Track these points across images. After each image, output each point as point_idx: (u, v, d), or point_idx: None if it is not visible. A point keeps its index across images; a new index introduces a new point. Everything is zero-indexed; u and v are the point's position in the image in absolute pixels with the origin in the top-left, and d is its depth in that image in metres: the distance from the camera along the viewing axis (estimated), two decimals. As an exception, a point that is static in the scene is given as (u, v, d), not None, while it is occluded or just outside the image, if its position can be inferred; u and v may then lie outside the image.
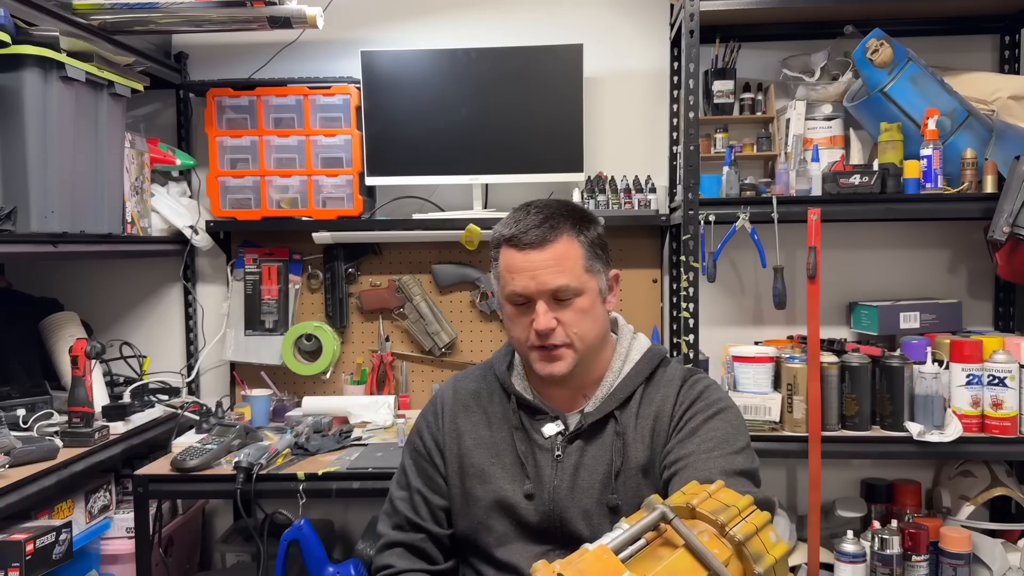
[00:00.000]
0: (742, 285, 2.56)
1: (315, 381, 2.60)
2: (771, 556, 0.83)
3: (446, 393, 1.45)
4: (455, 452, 1.38)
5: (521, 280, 1.28)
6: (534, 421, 1.36)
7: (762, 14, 2.30)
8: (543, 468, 1.33)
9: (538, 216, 1.29)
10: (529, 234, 1.27)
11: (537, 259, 1.27)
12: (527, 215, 1.30)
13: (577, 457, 1.32)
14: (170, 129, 2.62)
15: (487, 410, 1.40)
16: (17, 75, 1.82)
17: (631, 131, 2.56)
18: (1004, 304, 2.46)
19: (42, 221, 1.86)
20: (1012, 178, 2.04)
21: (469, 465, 1.36)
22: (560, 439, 1.33)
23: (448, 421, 1.41)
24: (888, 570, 2.06)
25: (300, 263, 2.60)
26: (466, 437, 1.38)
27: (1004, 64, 2.43)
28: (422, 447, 1.42)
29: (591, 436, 1.33)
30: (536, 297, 1.28)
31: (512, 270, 1.29)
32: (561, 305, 1.28)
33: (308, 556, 1.88)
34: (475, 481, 1.35)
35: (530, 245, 1.27)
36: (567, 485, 1.31)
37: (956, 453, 2.12)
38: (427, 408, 1.46)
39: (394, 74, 2.43)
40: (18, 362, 2.28)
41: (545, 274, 1.26)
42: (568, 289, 1.27)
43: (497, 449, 1.36)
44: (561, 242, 1.28)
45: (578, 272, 1.28)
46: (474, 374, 1.47)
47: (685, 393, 1.33)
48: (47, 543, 1.69)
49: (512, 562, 1.31)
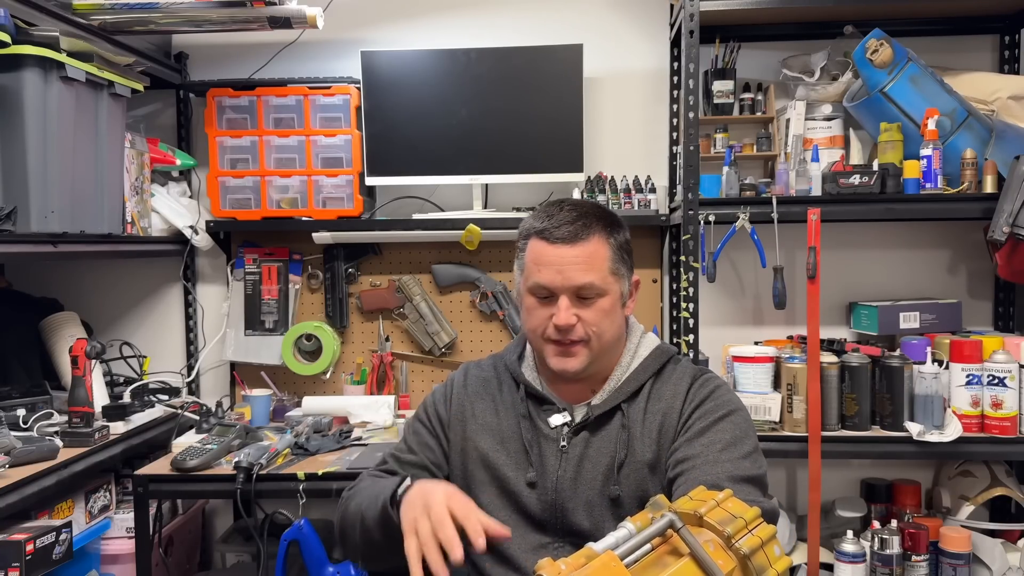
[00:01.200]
0: (742, 285, 2.56)
1: (315, 381, 2.60)
2: (774, 571, 0.84)
3: (457, 378, 1.46)
4: (460, 434, 1.39)
5: (548, 273, 1.29)
6: (541, 411, 1.37)
7: (762, 14, 2.30)
8: (547, 458, 1.33)
9: (572, 213, 1.31)
10: (562, 229, 1.29)
11: (567, 254, 1.28)
12: (560, 211, 1.32)
13: (582, 448, 1.33)
14: (170, 129, 2.62)
15: (496, 397, 1.41)
16: (17, 75, 1.82)
17: (631, 131, 2.56)
18: (1004, 304, 2.46)
19: (42, 221, 1.86)
20: (1012, 178, 2.04)
21: (472, 449, 1.38)
22: (566, 430, 1.34)
23: (456, 403, 1.42)
24: (888, 570, 2.06)
25: (300, 263, 2.60)
26: (472, 421, 1.40)
27: (1004, 64, 2.43)
28: (426, 419, 1.43)
29: (597, 428, 1.34)
30: (560, 292, 1.29)
31: (540, 262, 1.30)
32: (583, 303, 1.30)
33: (308, 556, 1.88)
34: (477, 465, 1.37)
35: (561, 240, 1.28)
36: (571, 476, 1.31)
37: (956, 453, 2.12)
38: (437, 389, 1.48)
39: (394, 74, 2.43)
40: (18, 362, 2.28)
41: (573, 270, 1.28)
42: (593, 288, 1.29)
43: (503, 436, 1.37)
44: (592, 241, 1.29)
45: (604, 273, 1.30)
46: (486, 363, 1.49)
47: (695, 392, 1.33)
48: (47, 543, 1.69)
49: (509, 553, 1.32)
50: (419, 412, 1.47)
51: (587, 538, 1.28)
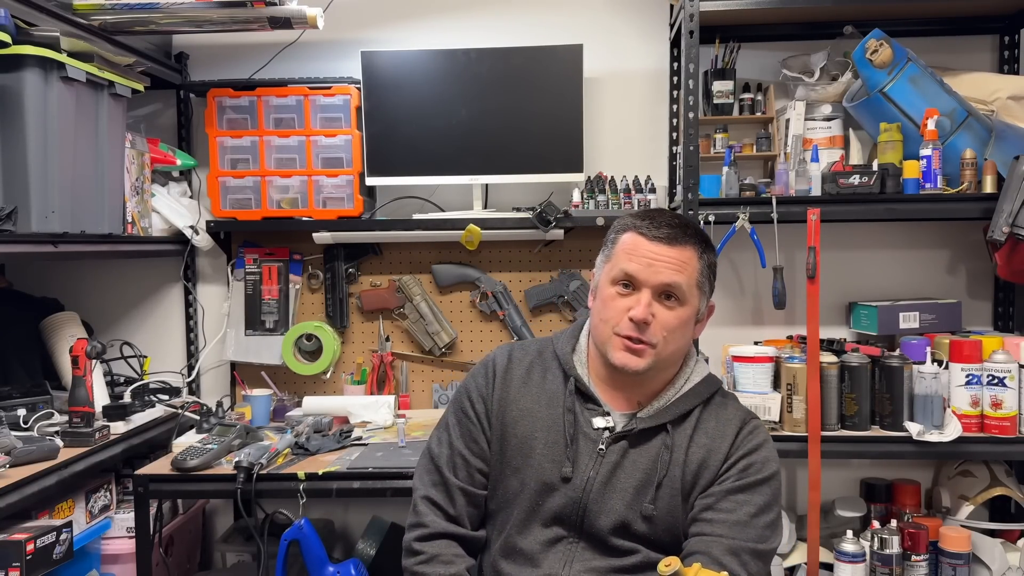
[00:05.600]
0: (742, 285, 2.56)
1: (315, 381, 2.60)
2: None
3: (500, 359, 1.45)
4: (500, 419, 1.39)
5: (639, 264, 1.31)
6: (585, 408, 1.37)
7: (762, 14, 2.30)
8: (583, 457, 1.34)
9: (674, 219, 1.35)
10: (663, 229, 1.32)
11: (663, 252, 1.31)
12: (662, 215, 1.36)
13: (618, 457, 1.33)
14: (170, 129, 2.62)
15: (540, 385, 1.40)
16: (18, 75, 1.82)
17: (631, 131, 2.56)
18: (1003, 304, 2.46)
19: (42, 221, 1.86)
20: (1011, 178, 2.04)
21: (512, 435, 1.38)
22: (607, 435, 1.35)
23: (500, 387, 1.41)
24: (888, 570, 2.07)
25: (300, 263, 2.60)
26: (514, 406, 1.39)
27: (1003, 64, 2.43)
28: (470, 409, 1.42)
29: (637, 442, 1.34)
30: (645, 285, 1.31)
31: (633, 253, 1.32)
32: (663, 305, 1.31)
33: (308, 556, 1.88)
34: (514, 452, 1.37)
35: (661, 239, 1.31)
36: (602, 480, 1.32)
37: (955, 453, 2.12)
38: (477, 370, 1.46)
39: (394, 74, 2.43)
40: (18, 362, 2.28)
41: (665, 267, 1.30)
42: (678, 290, 1.31)
43: (543, 424, 1.37)
44: (687, 249, 1.33)
45: (691, 282, 1.32)
46: (531, 347, 1.47)
47: (743, 439, 1.34)
48: (47, 543, 1.69)
49: (522, 545, 1.34)
50: (462, 400, 1.44)
51: (603, 542, 1.31)
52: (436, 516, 1.37)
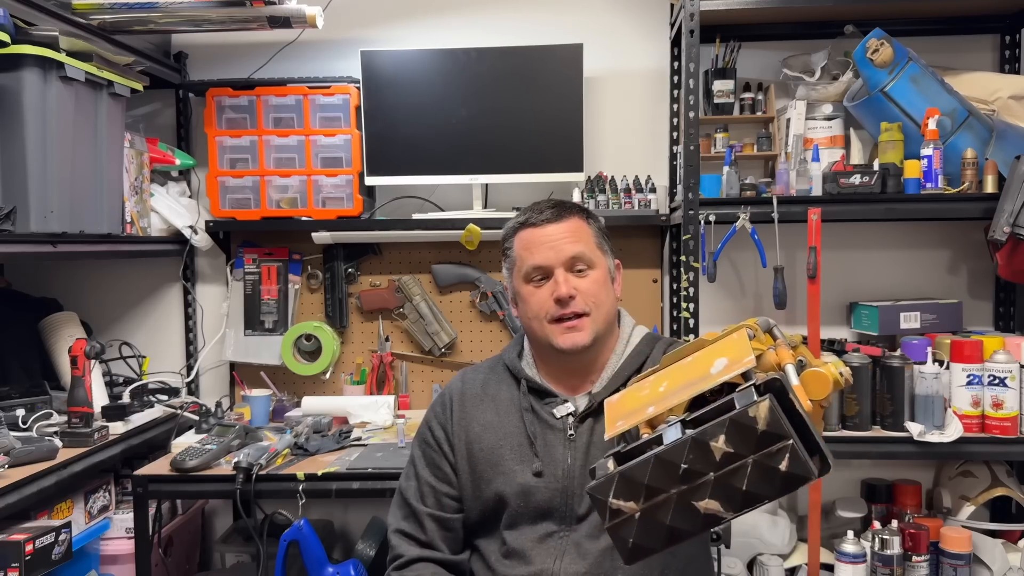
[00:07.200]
0: (742, 285, 2.55)
1: (315, 381, 2.60)
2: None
3: (454, 386, 1.51)
4: (464, 440, 1.43)
5: (540, 252, 1.38)
6: (543, 404, 1.41)
7: (762, 14, 2.30)
8: (554, 448, 1.37)
9: (548, 202, 1.44)
10: (545, 212, 1.41)
11: (554, 231, 1.39)
12: (538, 203, 1.45)
13: (588, 436, 1.37)
14: (170, 129, 2.62)
15: (495, 397, 1.45)
16: (17, 75, 1.81)
17: (631, 131, 2.56)
18: (1004, 304, 2.46)
19: (41, 221, 1.86)
20: (1012, 178, 2.04)
21: (479, 450, 1.41)
22: (571, 419, 1.38)
23: (457, 411, 1.46)
24: (888, 570, 2.06)
25: (300, 263, 2.60)
26: (474, 424, 1.44)
27: (1004, 64, 2.43)
28: (431, 437, 1.48)
29: (600, 415, 1.36)
30: (555, 266, 1.38)
31: (530, 246, 1.39)
32: (578, 276, 1.37)
33: (308, 556, 1.88)
34: (485, 465, 1.40)
35: (547, 221, 1.40)
36: (581, 463, 1.35)
37: (956, 453, 2.12)
38: (435, 401, 1.52)
39: (394, 74, 2.42)
40: (18, 362, 2.27)
41: (563, 243, 1.38)
42: (584, 257, 1.38)
43: (505, 431, 1.41)
44: (573, 219, 1.41)
45: (591, 246, 1.40)
46: (482, 367, 1.53)
47: None
48: (47, 543, 1.69)
49: (516, 545, 1.35)
50: (423, 432, 1.50)
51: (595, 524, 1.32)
52: (410, 545, 1.42)
